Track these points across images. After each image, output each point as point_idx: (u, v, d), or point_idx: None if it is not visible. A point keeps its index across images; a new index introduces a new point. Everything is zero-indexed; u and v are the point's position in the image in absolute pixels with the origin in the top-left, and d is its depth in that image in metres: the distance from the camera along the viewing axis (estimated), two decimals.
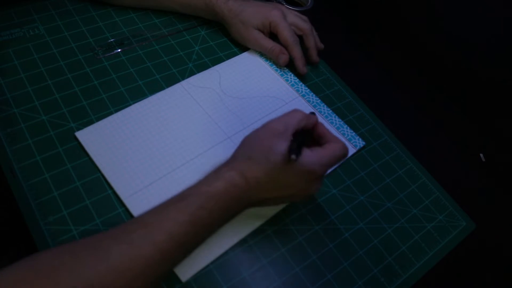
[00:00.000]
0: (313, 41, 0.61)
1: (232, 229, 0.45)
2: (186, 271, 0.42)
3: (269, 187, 0.40)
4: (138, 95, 0.53)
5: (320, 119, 0.56)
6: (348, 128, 0.56)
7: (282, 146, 0.39)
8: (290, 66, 0.60)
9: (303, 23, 0.60)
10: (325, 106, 0.58)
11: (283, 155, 0.38)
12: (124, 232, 0.35)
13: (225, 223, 0.42)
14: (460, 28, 0.73)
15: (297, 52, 0.58)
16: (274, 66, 0.61)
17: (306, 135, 0.43)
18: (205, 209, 0.37)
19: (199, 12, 0.61)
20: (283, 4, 0.69)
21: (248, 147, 0.41)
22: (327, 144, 0.42)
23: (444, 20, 0.75)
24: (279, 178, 0.39)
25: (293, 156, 0.37)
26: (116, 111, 0.51)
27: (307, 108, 0.57)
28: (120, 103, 0.52)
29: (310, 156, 0.39)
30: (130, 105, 0.52)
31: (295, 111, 0.42)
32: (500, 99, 0.70)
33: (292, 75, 0.60)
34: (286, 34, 0.58)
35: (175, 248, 0.36)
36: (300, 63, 0.59)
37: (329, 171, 0.48)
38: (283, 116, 0.42)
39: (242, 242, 0.45)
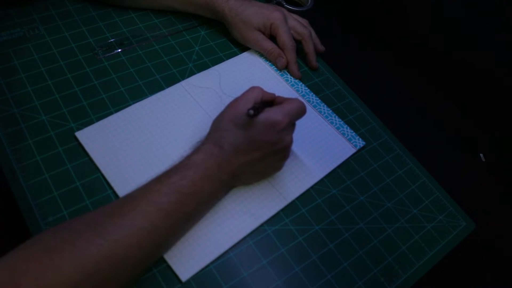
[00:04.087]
0: (312, 46, 0.61)
1: (232, 229, 0.45)
2: (186, 271, 0.42)
3: (245, 149, 0.43)
4: (138, 95, 0.53)
5: (320, 119, 0.56)
6: (348, 128, 0.56)
7: (243, 109, 0.43)
8: None
9: (302, 28, 0.60)
10: (325, 106, 0.58)
11: (246, 115, 0.42)
12: (114, 208, 0.38)
13: (216, 195, 0.44)
14: (461, 28, 0.73)
15: (292, 57, 0.59)
16: (274, 66, 0.61)
17: (267, 105, 0.46)
18: (185, 179, 0.40)
19: (199, 10, 0.61)
20: (283, 4, 0.69)
21: (217, 122, 0.45)
22: (285, 101, 0.46)
23: (444, 19, 0.75)
24: (249, 137, 0.42)
25: (250, 111, 0.40)
26: (116, 111, 0.51)
27: (307, 108, 0.57)
28: (120, 103, 0.52)
29: (270, 110, 0.43)
30: (130, 105, 0.52)
31: (252, 87, 0.46)
32: (500, 99, 0.70)
33: None
34: (285, 38, 0.58)
35: (162, 218, 0.38)
36: (294, 67, 0.59)
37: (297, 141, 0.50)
38: (242, 94, 0.45)
39: (242, 242, 0.45)
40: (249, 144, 0.42)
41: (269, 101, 0.46)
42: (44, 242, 0.34)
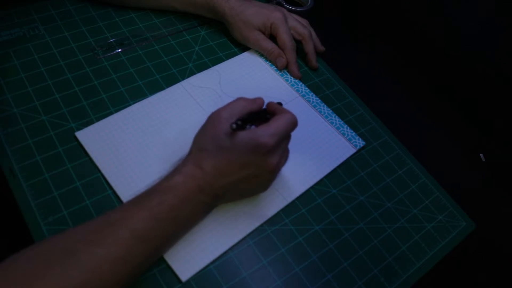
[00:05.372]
0: (312, 46, 0.61)
1: (232, 229, 0.45)
2: (186, 271, 0.42)
3: (227, 170, 0.40)
4: (138, 95, 0.53)
5: (320, 119, 0.56)
6: (348, 128, 0.56)
7: (226, 127, 0.40)
8: None
9: (303, 28, 0.60)
10: (325, 106, 0.58)
11: (228, 134, 0.39)
12: (92, 233, 0.36)
13: (197, 217, 0.42)
14: (461, 28, 0.73)
15: (292, 57, 0.59)
16: (274, 66, 0.61)
17: (258, 118, 0.43)
18: (163, 203, 0.38)
19: (199, 10, 0.61)
20: (283, 4, 0.69)
21: (199, 140, 0.42)
22: (274, 117, 0.42)
23: (445, 20, 0.75)
24: (232, 158, 0.40)
25: (233, 125, 0.38)
26: (116, 111, 0.51)
27: (306, 108, 0.57)
28: (120, 103, 0.52)
29: (256, 130, 0.40)
30: (130, 105, 0.52)
31: (238, 99, 0.43)
32: (500, 98, 0.70)
33: None
34: (285, 38, 0.58)
35: (139, 245, 0.36)
36: (294, 67, 0.59)
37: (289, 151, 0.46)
38: (228, 104, 0.43)
39: (242, 242, 0.45)
40: (231, 165, 0.40)
41: (257, 112, 0.43)
42: (13, 272, 0.32)
